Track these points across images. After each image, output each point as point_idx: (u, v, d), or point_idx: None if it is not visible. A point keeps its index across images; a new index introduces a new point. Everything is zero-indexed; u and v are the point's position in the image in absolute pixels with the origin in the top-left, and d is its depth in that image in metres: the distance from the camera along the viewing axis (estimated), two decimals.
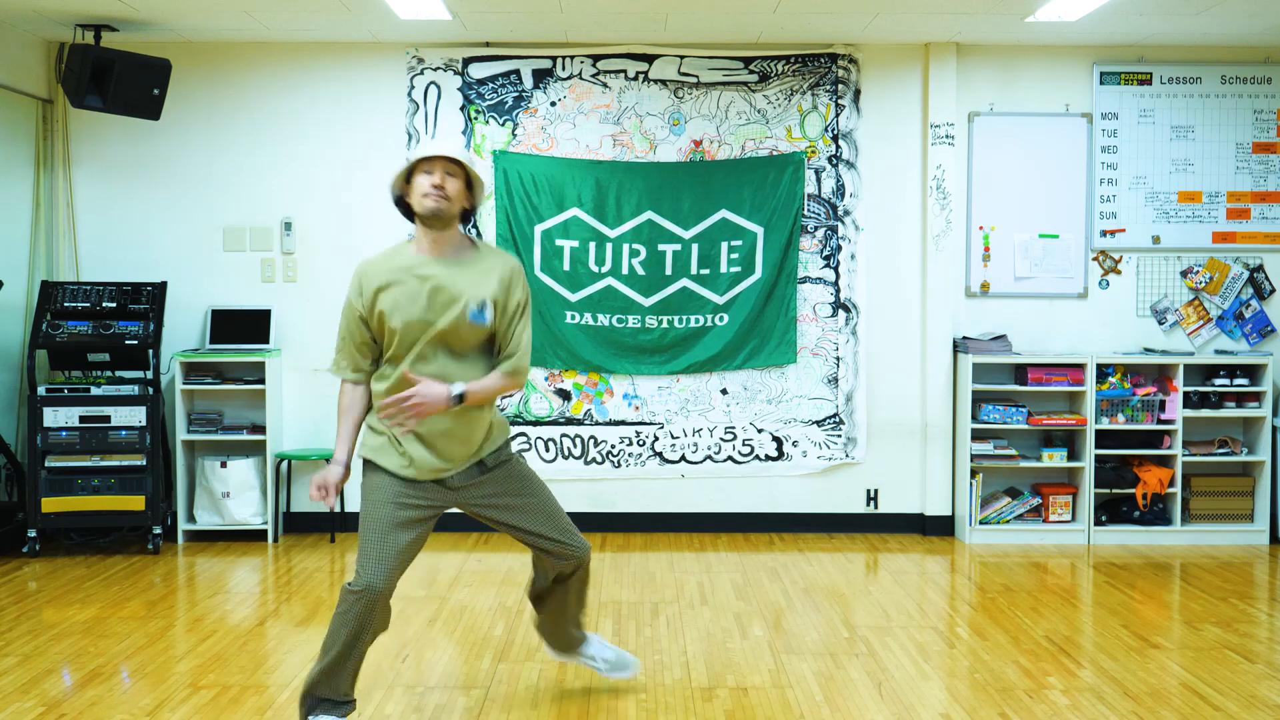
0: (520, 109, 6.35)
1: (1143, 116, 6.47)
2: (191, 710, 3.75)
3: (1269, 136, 6.48)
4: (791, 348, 6.40)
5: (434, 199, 3.33)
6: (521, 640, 4.52)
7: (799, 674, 4.13)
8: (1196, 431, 6.39)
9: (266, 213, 6.43)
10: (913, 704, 3.83)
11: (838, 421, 6.45)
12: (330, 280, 6.43)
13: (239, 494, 6.17)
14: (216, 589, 5.37)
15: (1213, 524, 6.31)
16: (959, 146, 6.44)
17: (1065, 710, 3.78)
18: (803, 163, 6.37)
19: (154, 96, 5.92)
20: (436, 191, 3.33)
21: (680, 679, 4.07)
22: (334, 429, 6.43)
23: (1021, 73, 6.45)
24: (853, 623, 4.79)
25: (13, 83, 6.03)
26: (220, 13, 5.71)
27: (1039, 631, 4.66)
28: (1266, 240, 6.51)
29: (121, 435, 5.93)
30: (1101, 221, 6.48)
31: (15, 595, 5.17)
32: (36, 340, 5.92)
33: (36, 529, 5.88)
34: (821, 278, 6.43)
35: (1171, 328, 6.52)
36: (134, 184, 6.41)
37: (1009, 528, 6.30)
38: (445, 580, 5.47)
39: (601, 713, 3.76)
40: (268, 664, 4.25)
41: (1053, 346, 6.48)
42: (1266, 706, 3.82)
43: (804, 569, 5.72)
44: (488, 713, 3.75)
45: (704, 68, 6.35)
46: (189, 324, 6.40)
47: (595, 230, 6.28)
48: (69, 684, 4.01)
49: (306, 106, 6.41)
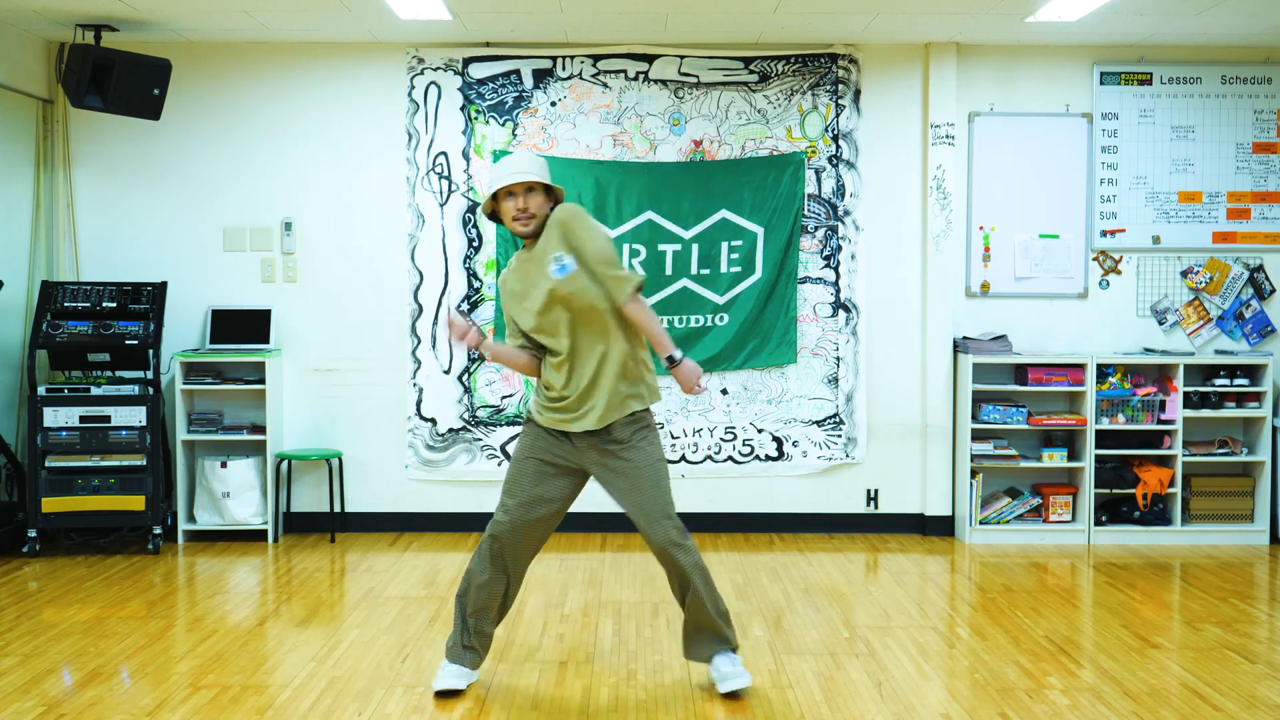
0: (520, 109, 6.35)
1: (1143, 116, 6.47)
2: (191, 710, 3.76)
3: (1269, 136, 6.48)
4: (792, 348, 6.40)
5: (522, 222, 3.71)
6: (521, 640, 4.52)
7: (799, 674, 4.13)
8: (1196, 431, 6.39)
9: (266, 213, 6.43)
10: (913, 704, 3.83)
11: (838, 421, 6.45)
12: (330, 280, 6.43)
13: (239, 494, 6.17)
14: (216, 589, 5.37)
15: (1213, 524, 6.31)
16: (959, 146, 6.44)
17: (1065, 710, 3.78)
18: (803, 163, 6.37)
19: (154, 96, 5.92)
20: (524, 215, 3.70)
21: (680, 679, 4.07)
22: (334, 430, 6.46)
23: (1021, 73, 6.45)
24: (853, 623, 4.79)
25: (13, 83, 6.03)
26: (220, 13, 5.71)
27: (1039, 631, 4.66)
28: (1266, 240, 6.51)
29: (121, 435, 5.93)
30: (1102, 221, 6.48)
31: (15, 595, 5.17)
32: (36, 340, 5.92)
33: (36, 529, 5.88)
34: (821, 278, 6.43)
35: (1171, 328, 6.52)
36: (134, 184, 6.42)
37: (1009, 528, 6.30)
38: (445, 580, 5.47)
39: (601, 713, 3.76)
40: (268, 664, 4.25)
41: (1053, 346, 6.48)
42: (1266, 706, 3.82)
43: (804, 569, 5.72)
44: (488, 713, 3.75)
45: (704, 68, 6.35)
46: (189, 324, 6.40)
47: None
48: (69, 684, 4.01)
49: (306, 106, 6.41)
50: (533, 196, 3.69)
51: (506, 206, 3.70)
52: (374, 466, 6.46)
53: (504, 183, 3.67)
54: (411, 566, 5.73)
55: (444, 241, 6.37)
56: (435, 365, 6.40)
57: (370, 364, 6.43)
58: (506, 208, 3.70)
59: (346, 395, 6.45)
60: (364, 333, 6.42)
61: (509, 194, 3.69)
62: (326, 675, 4.10)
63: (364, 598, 5.16)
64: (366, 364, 6.43)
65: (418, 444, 6.41)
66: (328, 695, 3.90)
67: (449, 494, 6.47)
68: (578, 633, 4.63)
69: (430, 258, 6.37)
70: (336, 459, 6.39)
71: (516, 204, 3.67)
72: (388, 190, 6.40)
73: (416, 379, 6.40)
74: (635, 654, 4.35)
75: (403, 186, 6.39)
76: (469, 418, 6.41)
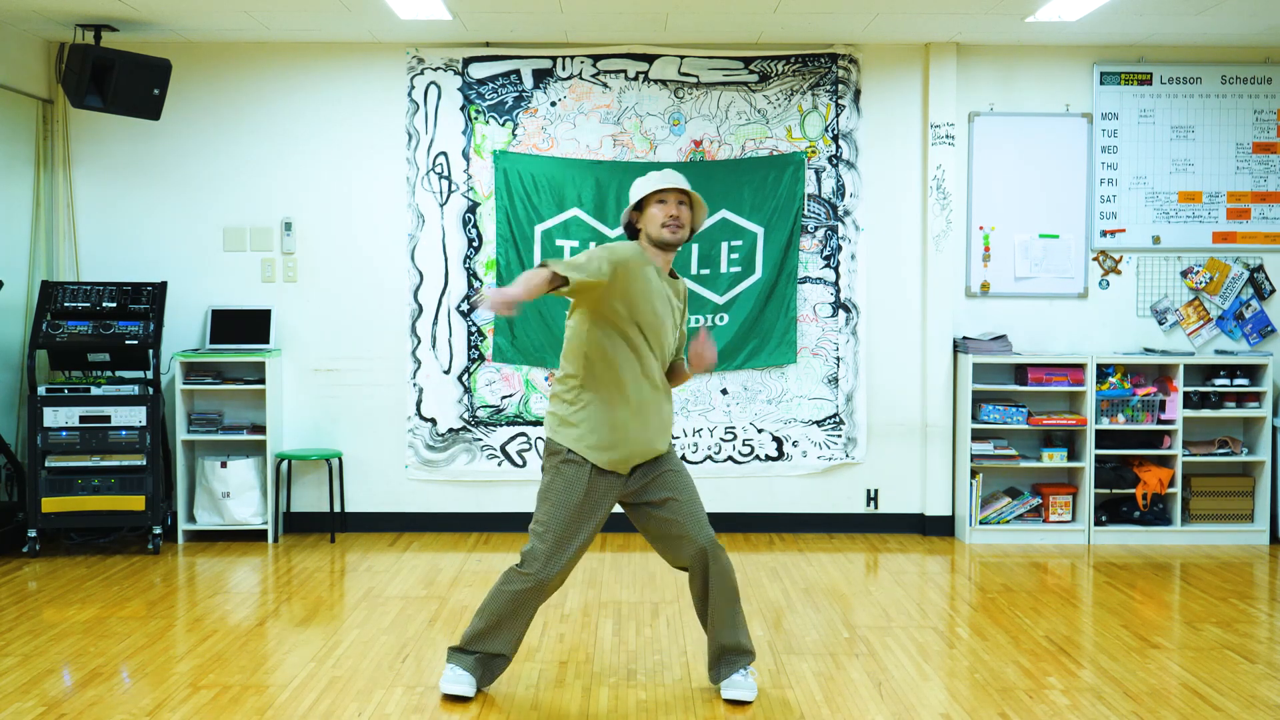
0: (520, 109, 6.35)
1: (1143, 116, 6.47)
2: (191, 710, 3.75)
3: (1269, 136, 6.48)
4: (792, 348, 6.40)
5: (671, 230, 3.71)
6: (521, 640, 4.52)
7: (799, 674, 4.13)
8: (1196, 431, 6.39)
9: (266, 213, 6.43)
10: (913, 704, 3.83)
11: (838, 421, 6.45)
12: (330, 280, 6.43)
13: (239, 494, 6.17)
14: (216, 589, 5.37)
15: (1213, 524, 6.31)
16: (959, 146, 6.44)
17: (1065, 710, 3.78)
18: (803, 163, 6.37)
19: (154, 96, 5.92)
20: (674, 222, 3.70)
21: (680, 679, 4.07)
22: (334, 430, 6.45)
23: (1021, 73, 6.45)
24: (853, 623, 4.79)
25: (13, 83, 6.03)
26: (220, 13, 5.71)
27: (1039, 631, 4.66)
28: (1266, 240, 6.51)
29: (121, 435, 5.93)
30: (1101, 221, 6.48)
31: (15, 595, 5.17)
32: (37, 340, 5.92)
33: (36, 529, 5.88)
34: (821, 278, 6.43)
35: (1171, 328, 6.52)
36: (134, 184, 6.42)
37: (1009, 528, 6.30)
38: (445, 580, 5.47)
39: (601, 713, 3.76)
40: (268, 664, 4.25)
41: (1053, 346, 6.48)
42: (1266, 706, 3.82)
43: (804, 569, 5.72)
44: (488, 713, 3.75)
45: (704, 68, 6.35)
46: (189, 324, 6.40)
47: (595, 230, 6.28)
48: (69, 684, 4.01)
49: (306, 106, 6.41)
50: (685, 210, 3.73)
51: (655, 213, 3.71)
52: (374, 466, 6.46)
53: (664, 184, 3.70)
54: (411, 566, 5.73)
55: (444, 241, 6.37)
56: (435, 365, 6.40)
57: (370, 364, 6.43)
58: (655, 214, 3.71)
59: (346, 395, 6.45)
60: (364, 333, 6.42)
61: (660, 200, 3.71)
62: (326, 675, 4.10)
63: (364, 598, 5.16)
64: (366, 364, 6.43)
65: (418, 444, 6.41)
66: (328, 695, 3.90)
67: (449, 494, 6.47)
68: (578, 633, 4.63)
69: (430, 258, 6.37)
70: (336, 459, 6.39)
71: (668, 210, 3.70)
72: (388, 190, 6.40)
73: (416, 379, 6.40)
74: (635, 654, 4.35)
75: (403, 186, 6.39)
76: (469, 418, 6.41)
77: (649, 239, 3.75)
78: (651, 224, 3.72)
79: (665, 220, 3.68)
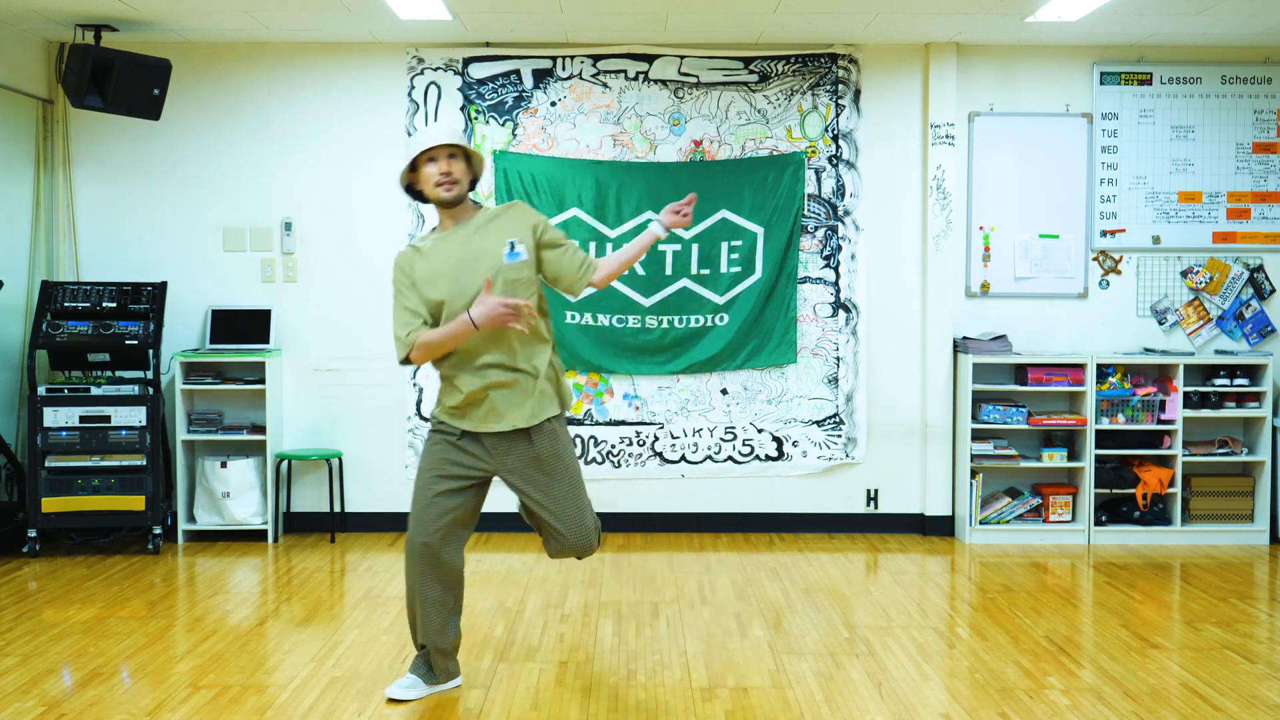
0: (520, 109, 6.35)
1: (1143, 116, 6.47)
2: (191, 710, 3.76)
3: (1269, 136, 6.48)
4: (791, 348, 6.40)
5: (446, 186, 3.68)
6: (521, 640, 4.52)
7: (799, 674, 4.13)
8: (1196, 431, 6.39)
9: (266, 213, 6.43)
10: (913, 704, 3.83)
11: (838, 421, 6.45)
12: (330, 280, 6.43)
13: (239, 494, 6.17)
14: (216, 589, 5.37)
15: (1213, 524, 6.31)
16: (959, 146, 6.44)
17: (1065, 710, 3.78)
18: (803, 163, 6.37)
19: (154, 96, 5.92)
20: (446, 179, 3.68)
21: (680, 679, 4.07)
22: (334, 430, 6.46)
23: (1021, 73, 6.45)
24: (853, 623, 4.79)
25: (13, 83, 6.03)
26: (220, 13, 5.71)
27: (1039, 631, 4.66)
28: (1266, 240, 6.51)
29: (121, 435, 5.93)
30: (1101, 221, 6.48)
31: (15, 595, 5.17)
32: (36, 340, 5.92)
33: (36, 529, 5.88)
34: (821, 278, 6.43)
35: (1171, 328, 6.52)
36: (134, 184, 6.42)
37: (1009, 528, 6.30)
38: None
39: (601, 713, 3.76)
40: (268, 664, 4.25)
41: (1053, 346, 6.49)
42: (1266, 706, 3.82)
43: (804, 569, 5.72)
44: (488, 713, 3.75)
45: (704, 68, 6.35)
46: (189, 324, 6.40)
47: (595, 230, 6.28)
48: (69, 684, 4.01)
49: (306, 106, 6.41)
50: (455, 162, 3.68)
51: (428, 171, 3.67)
52: (374, 466, 6.46)
53: (428, 145, 3.65)
54: None
55: None
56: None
57: (370, 364, 6.43)
58: (428, 173, 3.67)
59: (346, 395, 6.45)
60: (364, 333, 6.42)
61: (430, 160, 3.67)
62: (326, 675, 4.10)
63: (364, 598, 5.16)
64: (366, 364, 6.43)
65: (418, 444, 6.41)
66: (328, 695, 3.90)
67: None
68: (578, 633, 4.63)
69: None
70: (336, 459, 6.39)
71: (440, 167, 3.65)
72: (388, 190, 6.40)
73: (416, 379, 6.40)
74: (635, 654, 4.35)
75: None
76: None
77: (431, 200, 3.74)
78: (427, 184, 3.70)
79: (439, 179, 3.65)
